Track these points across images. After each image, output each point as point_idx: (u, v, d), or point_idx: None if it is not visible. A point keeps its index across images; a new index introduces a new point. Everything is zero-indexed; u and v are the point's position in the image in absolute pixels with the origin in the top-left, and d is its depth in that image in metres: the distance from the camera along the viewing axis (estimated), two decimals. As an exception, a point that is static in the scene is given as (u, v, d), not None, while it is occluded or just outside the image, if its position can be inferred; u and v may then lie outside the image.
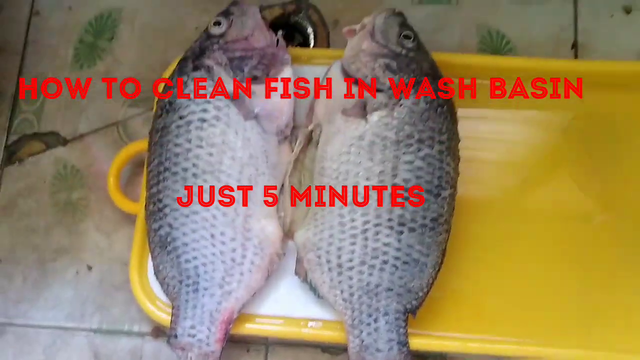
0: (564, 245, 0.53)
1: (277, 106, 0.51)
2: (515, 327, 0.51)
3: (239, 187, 0.49)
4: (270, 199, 0.50)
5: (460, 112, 0.51)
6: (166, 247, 0.49)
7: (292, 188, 0.51)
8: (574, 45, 0.60)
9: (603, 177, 0.54)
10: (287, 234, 0.51)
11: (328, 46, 0.62)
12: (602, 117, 0.56)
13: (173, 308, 0.49)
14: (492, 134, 0.57)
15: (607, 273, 0.52)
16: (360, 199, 0.47)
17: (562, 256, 0.53)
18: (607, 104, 0.56)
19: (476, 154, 0.55)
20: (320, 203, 0.49)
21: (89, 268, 0.57)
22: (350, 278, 0.48)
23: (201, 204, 0.48)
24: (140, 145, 0.55)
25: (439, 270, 0.49)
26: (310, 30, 0.63)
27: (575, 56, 0.60)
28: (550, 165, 0.55)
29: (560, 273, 0.52)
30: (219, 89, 0.50)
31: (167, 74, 0.55)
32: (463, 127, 0.50)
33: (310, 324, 0.51)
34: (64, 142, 0.61)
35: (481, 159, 0.56)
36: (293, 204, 0.51)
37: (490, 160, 0.56)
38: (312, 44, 0.62)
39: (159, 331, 0.55)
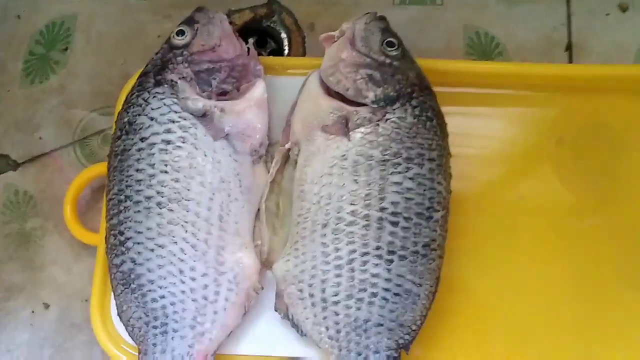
0: (560, 252, 0.52)
1: (250, 124, 0.49)
2: (512, 354, 0.50)
3: (209, 216, 0.46)
4: (244, 228, 0.48)
5: (449, 108, 0.49)
6: (130, 284, 0.46)
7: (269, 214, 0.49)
8: (568, 47, 0.60)
9: (595, 179, 0.54)
10: (265, 263, 0.49)
11: (304, 53, 0.61)
12: (598, 122, 0.55)
13: (140, 352, 0.46)
14: (484, 137, 0.56)
15: (603, 282, 0.51)
16: (344, 226, 0.45)
17: (558, 263, 0.52)
18: (603, 109, 0.55)
19: (464, 151, 0.53)
20: (300, 231, 0.46)
21: (46, 306, 0.55)
22: (337, 313, 0.45)
23: (167, 237, 0.46)
24: (99, 169, 0.53)
25: (432, 300, 0.47)
26: (284, 35, 0.62)
27: (570, 59, 0.60)
28: (544, 173, 0.54)
29: (556, 281, 0.51)
30: (184, 107, 0.48)
31: (127, 88, 0.53)
32: (451, 124, 0.49)
33: None
34: (15, 165, 0.59)
35: (470, 156, 0.54)
36: (270, 231, 0.49)
37: (482, 164, 0.55)
38: (286, 51, 0.61)
39: (126, 375, 0.53)
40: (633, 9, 0.60)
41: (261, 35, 0.61)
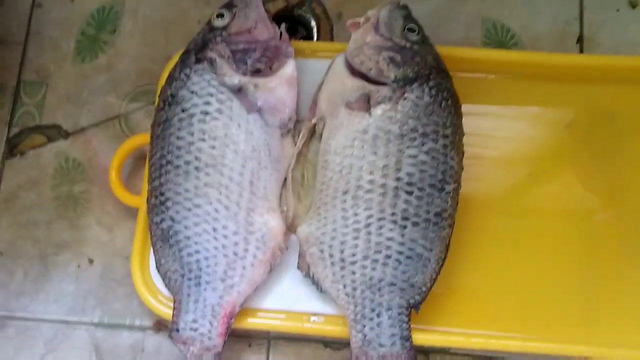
0: (567, 241, 0.53)
1: (280, 99, 0.51)
2: (519, 323, 0.51)
3: (241, 181, 0.49)
4: (272, 194, 0.50)
5: (464, 108, 0.50)
6: (168, 240, 0.49)
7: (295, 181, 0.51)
8: (580, 40, 0.60)
9: (606, 173, 0.54)
10: (290, 228, 0.51)
11: (332, 39, 0.62)
12: (607, 112, 0.56)
13: (175, 302, 0.49)
14: (495, 131, 0.56)
15: (610, 269, 0.52)
16: (363, 193, 0.47)
17: (565, 252, 0.53)
18: (612, 100, 0.56)
19: (479, 151, 0.55)
20: (323, 197, 0.49)
21: (91, 262, 0.57)
22: (353, 272, 0.48)
23: (203, 198, 0.48)
24: (142, 139, 0.55)
25: (442, 265, 0.48)
26: (313, 23, 0.63)
27: (581, 50, 0.60)
28: (553, 162, 0.55)
29: (563, 268, 0.52)
30: (222, 82, 0.50)
31: (169, 66, 0.55)
32: (465, 124, 0.50)
33: (312, 318, 0.51)
34: (66, 135, 0.61)
35: (484, 156, 0.55)
36: (296, 198, 0.51)
37: (493, 156, 0.56)
38: (315, 37, 0.62)
39: (160, 325, 0.55)
40: None
41: (292, 23, 0.62)
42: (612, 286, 0.52)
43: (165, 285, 0.50)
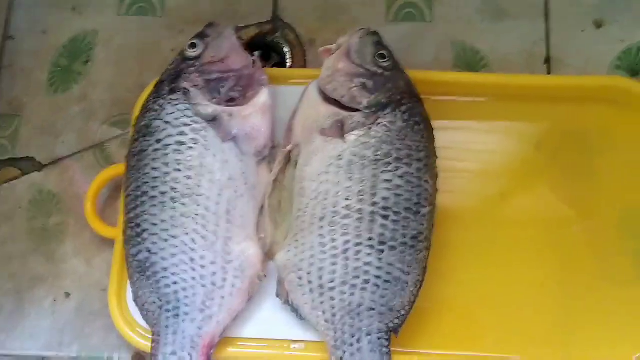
0: (543, 254, 0.53)
1: (255, 127, 0.51)
2: (498, 343, 0.51)
3: (218, 210, 0.49)
4: (249, 221, 0.50)
5: (437, 123, 0.51)
6: (145, 272, 0.48)
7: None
8: (547, 60, 0.61)
9: (576, 190, 0.55)
10: (268, 255, 0.51)
11: (305, 65, 0.62)
12: (575, 131, 0.57)
13: (153, 334, 0.48)
14: (468, 152, 0.57)
15: (587, 287, 0.53)
16: (340, 219, 0.47)
17: (543, 270, 0.53)
18: (580, 118, 0.57)
19: (453, 164, 0.55)
20: (300, 224, 0.49)
21: (67, 295, 0.57)
22: (332, 298, 0.47)
23: (180, 228, 0.48)
24: (117, 169, 0.55)
25: (420, 287, 0.48)
26: (286, 49, 0.63)
27: (548, 71, 0.61)
28: (526, 179, 0.56)
29: (542, 286, 0.53)
30: (196, 112, 0.50)
31: (144, 95, 0.55)
32: (440, 138, 0.51)
33: (293, 345, 0.50)
34: (40, 167, 0.61)
35: (458, 169, 0.56)
36: (273, 225, 0.51)
37: (466, 170, 0.56)
38: (289, 64, 0.63)
39: (140, 358, 0.55)
40: (607, 25, 0.61)
41: (266, 50, 0.62)
42: (589, 305, 0.52)
43: (143, 318, 0.49)
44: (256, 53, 0.54)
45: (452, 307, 0.52)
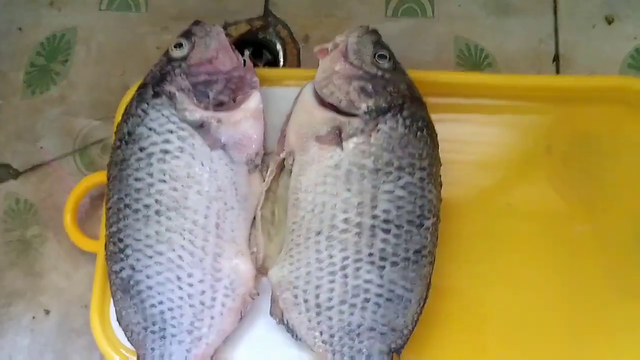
0: (551, 263, 0.52)
1: (246, 134, 0.49)
2: (506, 357, 0.50)
3: (206, 224, 0.47)
4: (240, 235, 0.48)
5: (441, 115, 0.50)
6: (129, 290, 0.47)
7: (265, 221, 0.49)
8: (556, 58, 0.60)
9: (584, 191, 0.54)
10: (261, 270, 0.49)
11: (299, 64, 0.61)
12: (584, 132, 0.56)
13: (138, 357, 0.47)
14: (473, 149, 0.56)
15: (596, 293, 0.51)
16: (338, 233, 0.46)
17: (550, 280, 0.52)
18: (589, 119, 0.56)
19: (455, 157, 0.54)
20: (295, 238, 0.47)
21: (47, 312, 0.55)
22: (330, 318, 0.46)
23: (166, 244, 0.46)
24: (99, 177, 0.53)
25: (424, 305, 0.47)
26: (279, 47, 0.62)
27: (557, 69, 0.60)
28: (534, 180, 0.55)
29: (549, 296, 0.52)
30: (182, 118, 0.48)
31: (127, 97, 0.53)
32: (444, 130, 0.50)
33: None
34: (16, 174, 0.59)
35: (461, 162, 0.55)
36: (266, 238, 0.49)
37: (469, 165, 0.55)
38: (281, 62, 0.61)
39: (125, 379, 0.52)
40: (618, 21, 0.60)
41: (257, 47, 0.61)
42: (600, 318, 0.51)
43: (128, 339, 0.47)
44: (247, 52, 0.52)
45: (455, 321, 0.51)
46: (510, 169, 0.55)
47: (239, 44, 0.56)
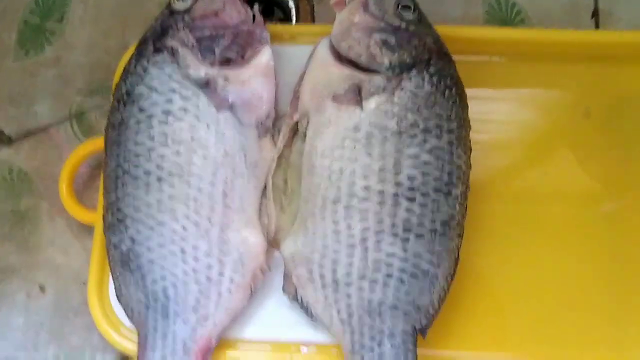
0: (590, 243, 0.50)
1: (256, 93, 0.47)
2: (535, 343, 0.48)
3: (213, 192, 0.45)
4: (250, 205, 0.46)
5: (467, 92, 0.47)
6: (129, 265, 0.45)
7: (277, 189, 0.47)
8: (595, 14, 0.58)
9: (625, 163, 0.52)
10: (273, 243, 0.47)
11: (313, 21, 0.59)
12: (626, 96, 0.53)
13: (139, 337, 0.45)
14: (502, 115, 0.54)
15: (623, 265, 0.49)
16: (357, 202, 0.43)
17: (584, 260, 0.50)
18: (635, 80, 0.53)
19: (483, 137, 0.52)
20: (310, 208, 0.45)
21: (42, 289, 0.54)
22: (349, 296, 0.44)
23: (168, 214, 0.44)
24: (96, 144, 0.52)
25: (451, 281, 0.45)
26: (291, 3, 0.59)
27: (597, 26, 0.58)
28: (572, 149, 0.52)
29: (582, 279, 0.49)
30: (186, 76, 0.46)
31: (125, 58, 0.51)
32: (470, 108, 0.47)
33: (302, 349, 0.47)
34: (9, 141, 0.57)
35: (490, 141, 0.52)
36: (278, 208, 0.47)
37: (502, 142, 0.53)
38: (294, 20, 0.59)
39: (127, 360, 0.52)
40: None
41: (267, 4, 0.58)
42: (628, 283, 0.49)
43: (128, 318, 0.45)
44: (256, 6, 0.50)
45: (481, 304, 0.48)
46: (545, 140, 0.52)
47: (248, 1, 0.53)
